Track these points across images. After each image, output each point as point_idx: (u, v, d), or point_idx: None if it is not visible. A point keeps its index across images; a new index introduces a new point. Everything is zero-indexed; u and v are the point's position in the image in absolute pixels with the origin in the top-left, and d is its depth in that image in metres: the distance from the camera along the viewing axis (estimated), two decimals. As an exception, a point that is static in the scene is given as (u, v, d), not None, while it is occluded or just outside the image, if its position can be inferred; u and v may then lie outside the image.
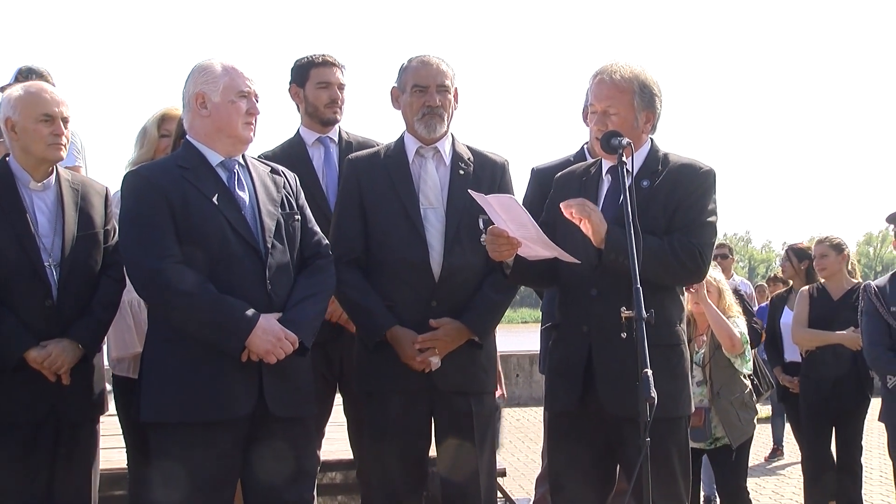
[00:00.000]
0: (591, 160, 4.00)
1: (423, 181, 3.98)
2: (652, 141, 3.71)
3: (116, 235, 3.87)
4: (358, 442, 4.35)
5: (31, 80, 4.35)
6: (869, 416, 6.49)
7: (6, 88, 4.43)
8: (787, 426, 10.05)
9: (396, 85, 4.06)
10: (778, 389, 7.27)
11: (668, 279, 3.56)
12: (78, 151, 5.12)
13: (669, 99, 3.73)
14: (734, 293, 6.38)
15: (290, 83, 4.59)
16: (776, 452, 10.13)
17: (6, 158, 3.81)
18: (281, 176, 3.73)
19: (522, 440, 10.98)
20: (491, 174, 4.05)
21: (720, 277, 5.42)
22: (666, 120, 3.73)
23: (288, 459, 3.55)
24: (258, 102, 3.64)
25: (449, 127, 4.04)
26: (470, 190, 3.58)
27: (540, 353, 4.71)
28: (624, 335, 3.34)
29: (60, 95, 3.81)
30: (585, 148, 4.54)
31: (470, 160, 4.04)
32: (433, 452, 4.01)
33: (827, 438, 6.46)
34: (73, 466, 3.77)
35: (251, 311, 3.43)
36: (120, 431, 4.34)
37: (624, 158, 3.35)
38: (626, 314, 3.15)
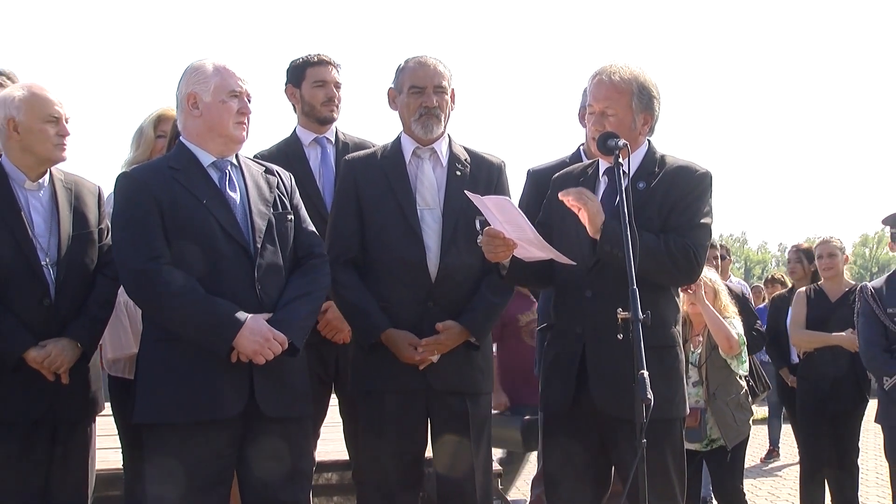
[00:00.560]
0: (587, 161, 4.00)
1: (419, 182, 3.97)
2: (649, 143, 3.70)
3: (110, 234, 3.87)
4: (354, 442, 4.35)
5: None
6: (865, 417, 6.50)
7: None
8: (783, 427, 10.08)
9: (393, 86, 4.06)
10: (782, 390, 7.26)
11: (660, 277, 3.56)
12: None
13: (666, 100, 3.73)
14: (739, 297, 6.40)
15: (286, 84, 4.59)
16: (772, 454, 10.15)
17: None
18: (275, 176, 3.73)
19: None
20: (487, 175, 4.05)
21: (716, 278, 5.42)
22: (662, 121, 3.73)
23: (283, 459, 3.55)
24: (250, 102, 3.63)
25: (446, 128, 4.04)
26: (466, 191, 3.59)
27: (536, 353, 4.71)
28: (620, 336, 3.33)
29: (60, 95, 3.82)
30: (581, 149, 4.54)
31: (467, 161, 4.04)
32: (429, 453, 4.01)
33: (824, 439, 6.46)
34: (69, 466, 3.77)
35: (239, 311, 3.42)
36: (115, 432, 4.34)
37: (621, 160, 3.35)
38: (622, 315, 3.15)
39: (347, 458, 4.61)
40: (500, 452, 6.24)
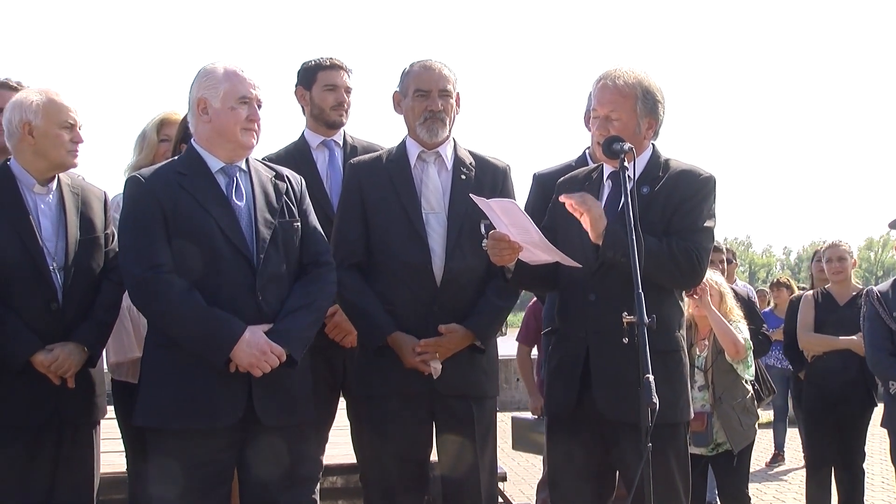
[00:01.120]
0: (592, 165, 3.99)
1: (424, 186, 3.98)
2: (654, 147, 3.70)
3: (115, 239, 3.90)
4: (361, 446, 4.34)
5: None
6: (871, 421, 6.49)
7: None
8: (788, 431, 10.06)
9: (398, 89, 4.06)
10: (797, 394, 7.21)
11: (663, 280, 3.55)
12: None
13: (672, 104, 3.73)
14: (744, 301, 6.38)
15: (296, 86, 4.59)
16: (777, 458, 10.12)
17: (7, 162, 3.81)
18: (285, 182, 3.71)
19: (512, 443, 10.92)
20: (492, 179, 4.05)
21: (722, 281, 5.40)
22: (667, 125, 3.73)
23: (283, 466, 3.55)
24: (261, 109, 3.62)
25: (451, 131, 4.04)
26: (471, 195, 3.58)
27: (539, 357, 4.70)
28: (626, 340, 3.32)
29: (75, 102, 3.83)
30: (587, 153, 4.54)
31: (472, 165, 4.04)
32: (434, 456, 4.01)
33: (829, 442, 6.44)
34: (74, 468, 3.78)
35: (237, 323, 3.42)
36: (119, 435, 4.35)
37: (626, 163, 3.35)
38: (627, 319, 3.14)
39: (353, 461, 4.61)
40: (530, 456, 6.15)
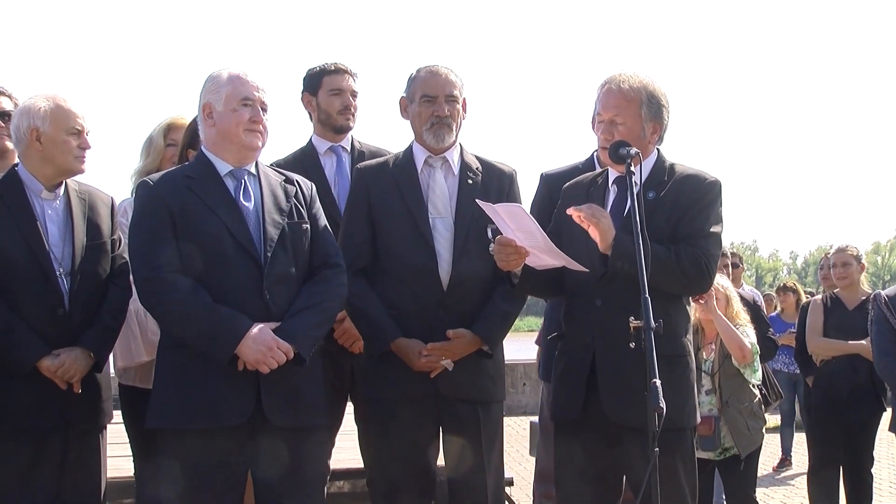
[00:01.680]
0: (597, 170, 3.99)
1: (431, 190, 3.98)
2: (658, 152, 3.71)
3: (122, 244, 3.92)
4: (368, 450, 4.34)
5: None
6: (879, 426, 6.48)
7: None
8: (795, 436, 10.04)
9: (405, 95, 4.07)
10: (807, 398, 7.19)
11: (672, 287, 3.56)
12: None
13: (676, 107, 3.73)
14: (751, 305, 6.38)
15: (302, 92, 4.61)
16: (784, 462, 10.10)
17: (15, 167, 3.82)
18: (294, 185, 3.73)
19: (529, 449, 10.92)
20: (499, 184, 4.05)
21: (727, 284, 5.40)
22: (672, 130, 3.73)
23: (291, 467, 3.55)
24: (266, 111, 3.64)
25: (457, 136, 4.04)
26: (478, 200, 3.59)
27: (542, 358, 4.68)
28: (632, 345, 3.32)
29: (82, 108, 3.85)
30: (595, 155, 4.54)
31: (478, 170, 4.05)
32: (441, 461, 4.01)
33: (837, 446, 6.43)
34: (81, 473, 3.78)
35: (243, 320, 3.44)
36: (127, 440, 4.35)
37: (632, 168, 3.35)
38: (634, 324, 3.15)
39: (360, 466, 4.61)
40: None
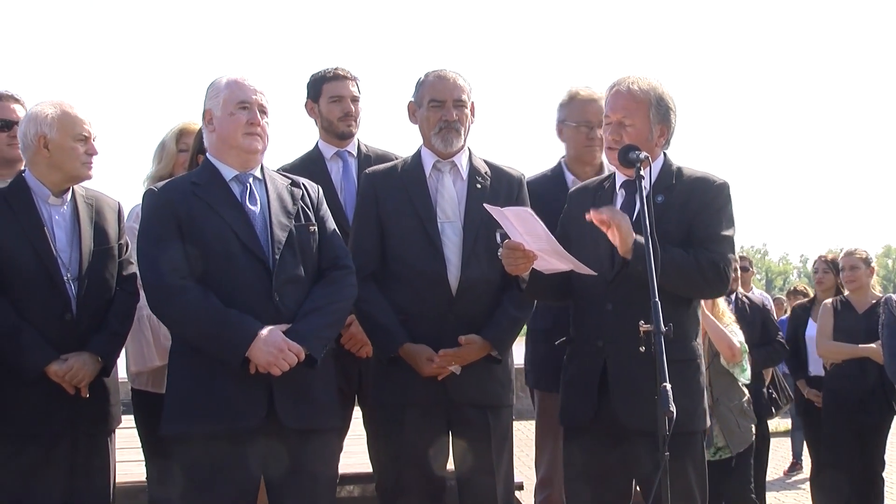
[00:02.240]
0: (604, 174, 3.99)
1: (440, 195, 3.98)
2: (665, 155, 3.71)
3: (129, 249, 3.94)
4: (377, 455, 4.35)
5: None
6: (890, 429, 6.47)
7: None
8: (806, 440, 9.99)
9: (413, 99, 4.07)
10: (798, 402, 7.21)
11: (689, 292, 3.56)
12: None
13: (685, 110, 3.74)
14: (761, 309, 6.38)
15: (306, 99, 4.61)
16: (795, 466, 10.08)
17: (22, 174, 3.84)
18: (300, 188, 3.74)
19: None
20: (508, 188, 4.05)
21: None
22: (682, 131, 3.74)
23: (304, 470, 3.55)
24: (266, 114, 3.64)
25: (466, 141, 4.05)
26: (486, 204, 3.59)
27: (531, 364, 4.65)
28: (643, 349, 3.32)
29: (89, 114, 3.87)
30: (563, 162, 4.56)
31: (487, 174, 4.04)
32: (451, 466, 4.01)
33: (850, 451, 6.42)
34: (91, 476, 3.80)
35: (253, 323, 3.44)
36: (139, 444, 4.37)
37: (642, 172, 3.35)
38: (644, 328, 3.14)
39: (369, 470, 4.61)
40: None
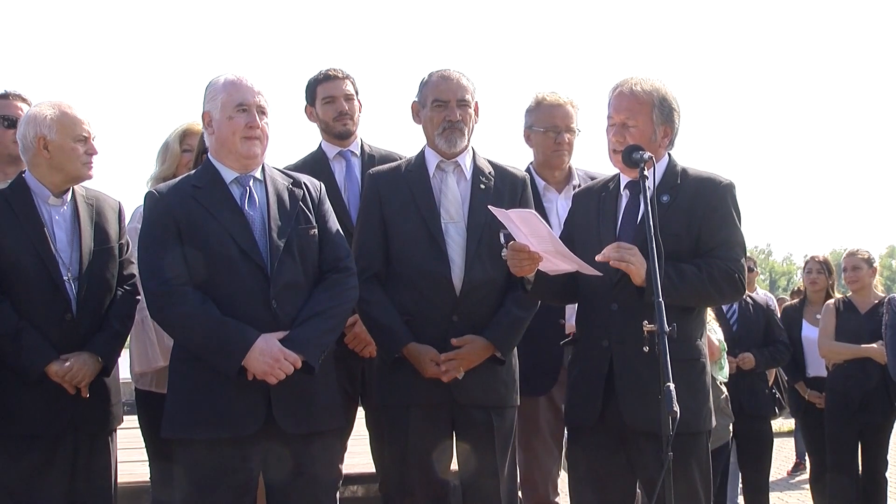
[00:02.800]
0: (609, 175, 3.99)
1: (443, 195, 3.98)
2: (670, 156, 3.70)
3: (130, 249, 3.95)
4: (380, 455, 4.35)
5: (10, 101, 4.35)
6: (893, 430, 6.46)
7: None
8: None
9: (417, 99, 4.07)
10: (796, 404, 7.20)
11: (708, 305, 3.60)
12: None
13: (688, 110, 3.74)
14: (765, 309, 6.37)
15: (305, 105, 4.64)
16: (799, 466, 10.07)
17: (22, 174, 3.85)
18: (301, 188, 3.73)
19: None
20: (512, 188, 4.05)
21: None
22: (684, 131, 3.74)
23: (305, 473, 3.56)
24: (266, 116, 3.63)
25: (469, 141, 4.05)
26: (490, 206, 3.58)
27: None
28: (646, 349, 3.33)
29: (88, 115, 3.87)
30: (531, 167, 4.59)
31: (491, 174, 4.04)
32: (454, 466, 4.01)
33: (853, 452, 6.42)
34: (92, 477, 3.80)
35: (250, 331, 3.44)
36: (142, 445, 4.37)
37: (646, 172, 3.35)
38: (648, 328, 3.14)
39: (373, 470, 4.62)
40: None
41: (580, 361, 3.73)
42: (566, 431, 4.03)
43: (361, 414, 4.54)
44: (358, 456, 4.93)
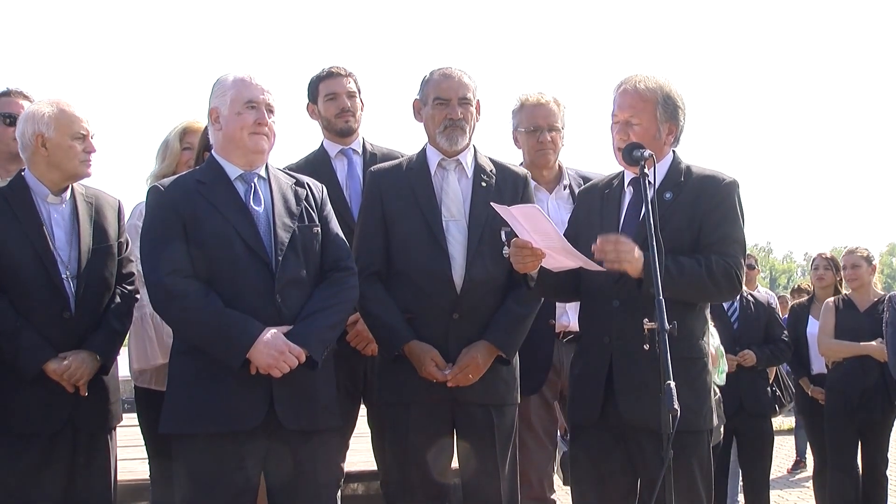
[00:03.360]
0: (613, 172, 3.99)
1: (445, 193, 3.98)
2: (674, 153, 3.70)
3: (129, 247, 3.94)
4: (382, 453, 4.35)
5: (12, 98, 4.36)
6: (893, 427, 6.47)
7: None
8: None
9: (419, 97, 4.07)
10: (799, 401, 7.21)
11: (703, 301, 3.59)
12: None
13: (689, 106, 3.72)
14: (766, 307, 6.36)
15: (307, 103, 4.64)
16: (799, 464, 10.08)
17: (21, 172, 3.84)
18: (304, 188, 3.73)
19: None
20: (513, 186, 4.04)
21: None
22: (686, 129, 3.72)
23: (305, 470, 3.55)
24: (273, 113, 3.63)
25: (471, 139, 4.04)
26: (493, 203, 3.57)
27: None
28: (647, 347, 3.32)
29: (86, 112, 3.86)
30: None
31: (492, 172, 4.04)
32: (455, 464, 4.01)
33: (853, 449, 6.42)
34: (91, 475, 3.80)
35: (255, 324, 3.44)
36: (142, 442, 4.37)
37: (646, 170, 3.34)
38: (648, 326, 3.14)
39: (374, 468, 4.62)
40: None
41: (582, 358, 3.73)
42: (567, 430, 4.01)
43: (363, 412, 4.54)
44: (359, 454, 4.94)
